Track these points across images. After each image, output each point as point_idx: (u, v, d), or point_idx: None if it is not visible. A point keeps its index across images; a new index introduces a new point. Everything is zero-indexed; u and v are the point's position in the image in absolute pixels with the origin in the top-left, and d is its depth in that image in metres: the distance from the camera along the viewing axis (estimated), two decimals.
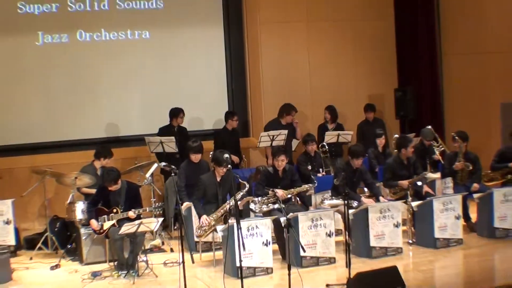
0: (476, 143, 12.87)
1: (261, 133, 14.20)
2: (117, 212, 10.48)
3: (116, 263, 10.47)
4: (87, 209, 10.70)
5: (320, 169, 13.19)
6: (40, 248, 11.63)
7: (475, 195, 11.83)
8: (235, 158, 13.46)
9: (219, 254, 10.48)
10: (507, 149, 12.72)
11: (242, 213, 10.22)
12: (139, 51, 15.29)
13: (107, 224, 10.42)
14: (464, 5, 15.41)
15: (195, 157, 11.74)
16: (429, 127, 13.76)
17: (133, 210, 10.48)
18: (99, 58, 14.96)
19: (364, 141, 14.22)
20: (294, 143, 14.67)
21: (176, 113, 13.93)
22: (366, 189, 11.98)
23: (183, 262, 8.72)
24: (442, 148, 13.63)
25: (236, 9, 16.05)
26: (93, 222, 10.33)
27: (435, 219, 11.01)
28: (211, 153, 12.23)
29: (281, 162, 11.31)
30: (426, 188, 11.88)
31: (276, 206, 10.98)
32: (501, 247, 11.10)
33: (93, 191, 11.36)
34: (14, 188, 12.31)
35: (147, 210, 10.87)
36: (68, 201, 11.70)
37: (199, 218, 10.65)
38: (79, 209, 11.23)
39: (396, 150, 12.57)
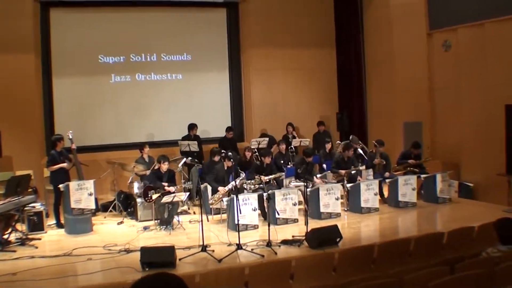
0: (388, 147, 12.89)
1: (252, 140, 14.28)
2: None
3: (159, 220, 10.44)
4: (151, 181, 10.61)
5: (289, 162, 13.19)
6: (110, 211, 11.59)
7: (387, 180, 11.86)
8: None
9: (224, 215, 10.48)
10: (406, 152, 12.79)
11: (239, 190, 10.20)
12: (175, 87, 15.24)
13: (155, 196, 10.42)
14: (380, 59, 15.41)
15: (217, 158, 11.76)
16: (354, 136, 13.87)
17: (172, 187, 10.50)
18: (149, 91, 14.93)
19: (317, 145, 14.23)
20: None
21: (192, 126, 13.92)
22: (318, 175, 12.03)
23: (201, 220, 8.76)
24: (361, 147, 13.50)
25: (237, 61, 16.05)
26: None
27: (361, 195, 11.02)
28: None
29: (267, 160, 11.40)
30: (359, 178, 11.90)
31: (261, 186, 11.04)
32: (402, 213, 11.10)
33: (145, 172, 11.39)
34: (95, 172, 12.23)
35: (179, 187, 10.83)
36: (129, 181, 11.78)
37: (216, 190, 10.71)
38: (136, 186, 11.26)
39: (340, 151, 12.65)
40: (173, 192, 10.36)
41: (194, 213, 11.47)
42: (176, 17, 15.26)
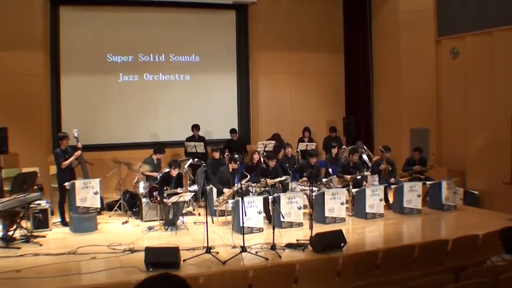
0: (394, 153, 12.87)
1: (258, 142, 14.29)
2: (167, 189, 10.47)
3: (164, 221, 10.43)
4: (159, 190, 10.50)
5: (295, 166, 13.17)
6: (116, 210, 11.60)
7: (393, 186, 11.84)
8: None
9: (229, 218, 10.49)
10: (411, 158, 12.78)
11: (244, 193, 10.19)
12: (182, 88, 15.26)
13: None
14: (388, 65, 15.42)
15: (216, 155, 12.03)
16: (360, 141, 13.92)
17: (179, 188, 10.43)
18: (157, 91, 14.94)
19: (327, 149, 14.26)
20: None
21: (194, 127, 13.93)
22: (324, 180, 12.01)
23: (206, 222, 8.76)
24: (367, 153, 13.51)
25: (245, 63, 16.05)
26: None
27: (366, 200, 10.98)
28: (226, 153, 12.37)
29: (272, 163, 11.38)
30: (365, 183, 11.87)
31: (266, 189, 11.02)
32: (407, 219, 11.06)
33: (152, 173, 11.44)
34: (101, 171, 12.26)
35: (187, 189, 10.76)
36: (135, 181, 11.73)
37: (221, 192, 10.72)
38: (141, 186, 11.24)
39: (345, 156, 12.65)
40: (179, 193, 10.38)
41: (199, 214, 11.46)
42: (185, 18, 15.28)
